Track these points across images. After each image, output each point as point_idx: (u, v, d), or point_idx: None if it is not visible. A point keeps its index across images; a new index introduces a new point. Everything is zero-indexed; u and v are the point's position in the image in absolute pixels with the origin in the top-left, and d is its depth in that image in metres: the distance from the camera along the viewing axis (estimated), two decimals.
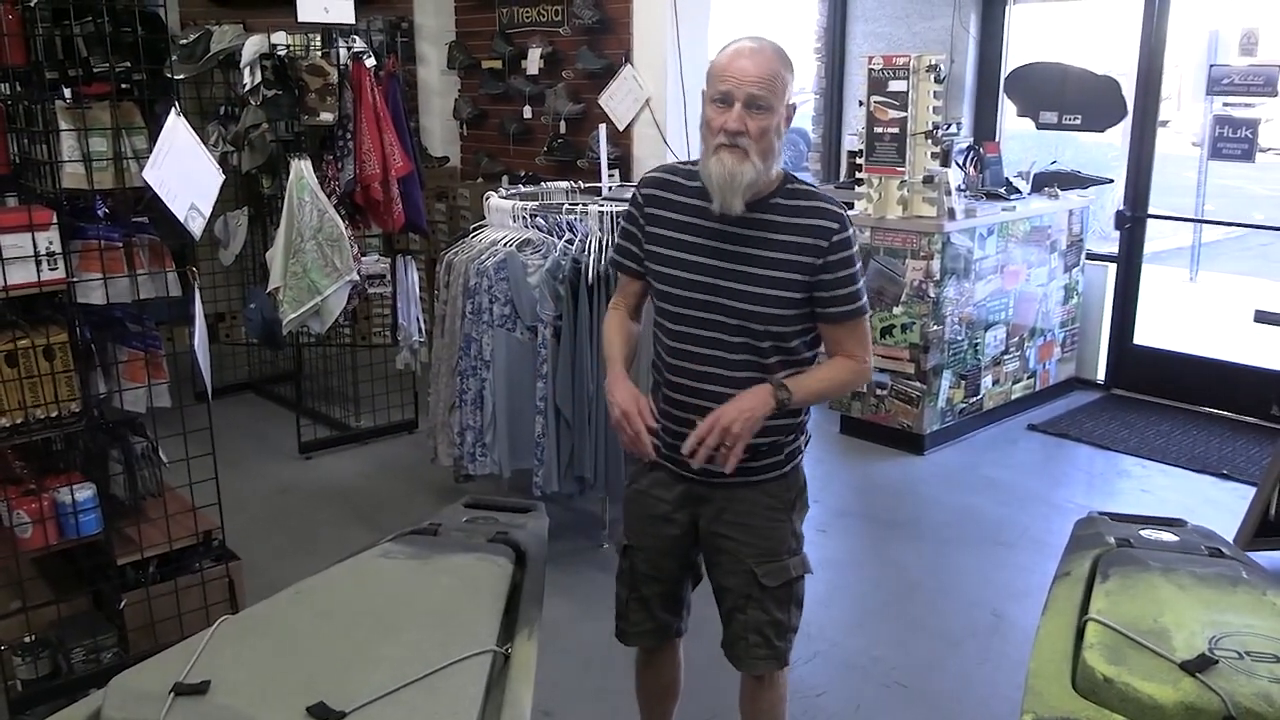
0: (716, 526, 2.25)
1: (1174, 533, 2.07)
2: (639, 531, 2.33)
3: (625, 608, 2.40)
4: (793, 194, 2.12)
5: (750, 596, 2.24)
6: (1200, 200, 8.74)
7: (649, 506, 2.30)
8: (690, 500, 2.26)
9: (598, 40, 5.70)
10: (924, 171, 4.80)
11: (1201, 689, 1.52)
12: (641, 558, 2.33)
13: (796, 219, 2.09)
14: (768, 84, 2.00)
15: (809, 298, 2.11)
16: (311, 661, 1.61)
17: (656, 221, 2.20)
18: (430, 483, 4.55)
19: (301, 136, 4.76)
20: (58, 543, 2.89)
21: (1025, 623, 3.38)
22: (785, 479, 2.27)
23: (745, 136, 2.01)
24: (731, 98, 2.01)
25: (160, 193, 2.72)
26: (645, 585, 2.35)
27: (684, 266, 2.15)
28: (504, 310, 3.80)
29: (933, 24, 6.22)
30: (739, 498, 2.23)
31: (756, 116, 2.01)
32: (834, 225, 2.09)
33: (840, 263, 2.09)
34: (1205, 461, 4.86)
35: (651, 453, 2.16)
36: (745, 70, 2.01)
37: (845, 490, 4.69)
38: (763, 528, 2.23)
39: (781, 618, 2.27)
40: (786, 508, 2.27)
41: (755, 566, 2.22)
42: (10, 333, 2.76)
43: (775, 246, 2.09)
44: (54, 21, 2.81)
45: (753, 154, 2.01)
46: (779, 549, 2.25)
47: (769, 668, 2.32)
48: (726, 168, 2.02)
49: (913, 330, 4.88)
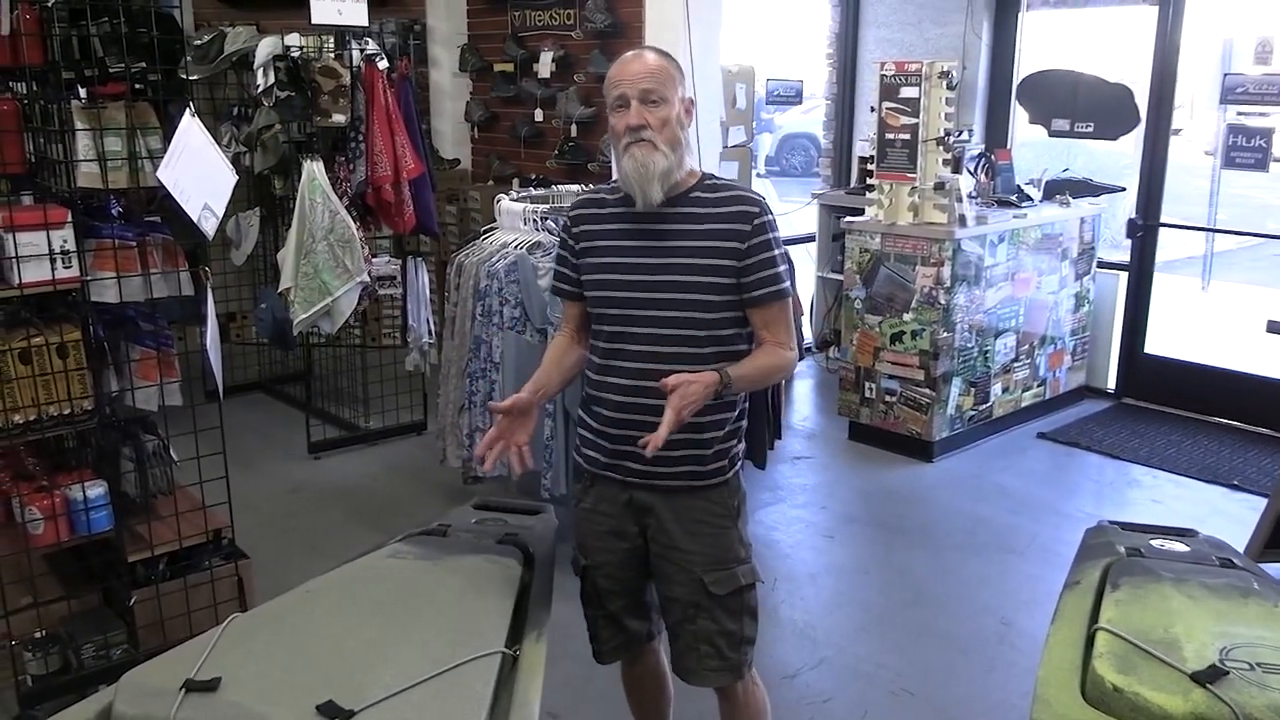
0: (662, 536, 2.24)
1: (1185, 543, 2.07)
2: (593, 549, 2.32)
3: (595, 627, 2.39)
4: (712, 188, 2.20)
5: (699, 606, 2.23)
6: (1213, 209, 8.72)
7: (598, 523, 2.30)
8: (636, 510, 2.26)
9: (610, 44, 5.70)
10: (935, 178, 4.79)
11: (1212, 700, 1.51)
12: (600, 574, 2.32)
13: (718, 209, 2.17)
14: (656, 78, 2.12)
15: (738, 284, 2.16)
16: (321, 660, 1.62)
17: (586, 237, 2.27)
18: (439, 484, 4.56)
19: (314, 138, 4.78)
20: (69, 539, 2.91)
21: (1034, 631, 3.37)
22: (728, 485, 2.26)
23: (647, 129, 2.11)
24: (626, 98, 2.12)
25: (174, 192, 2.74)
26: (610, 601, 2.34)
27: (617, 270, 2.21)
28: (514, 313, 3.81)
29: (945, 30, 6.21)
30: (683, 505, 2.23)
31: (653, 109, 2.11)
32: (754, 209, 2.17)
33: (762, 245, 2.16)
34: (1216, 472, 4.83)
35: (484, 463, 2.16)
36: (633, 71, 2.13)
37: (853, 497, 4.68)
38: (709, 535, 2.23)
39: (733, 628, 2.25)
40: (732, 515, 2.26)
41: (703, 575, 2.21)
42: (24, 330, 2.78)
43: (701, 236, 2.16)
44: (71, 21, 2.82)
45: (659, 143, 2.11)
46: (726, 557, 2.24)
47: (722, 680, 2.29)
48: (638, 160, 2.11)
49: (922, 337, 4.87)
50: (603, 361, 2.24)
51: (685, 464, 2.20)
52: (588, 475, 2.32)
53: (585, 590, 2.37)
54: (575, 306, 2.35)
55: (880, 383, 5.07)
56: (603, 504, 2.29)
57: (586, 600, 2.38)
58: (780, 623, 3.54)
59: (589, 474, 2.31)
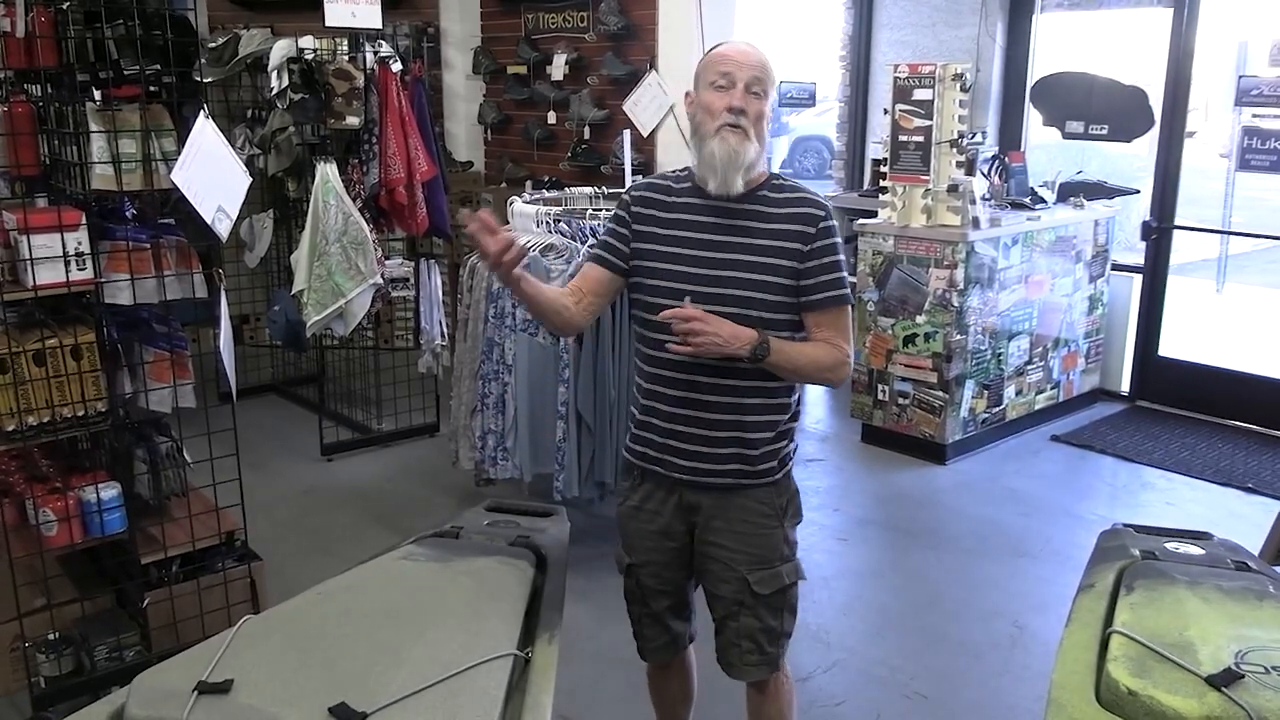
0: (708, 534, 2.25)
1: (1200, 546, 2.05)
2: (639, 548, 2.32)
3: (640, 625, 2.40)
4: (779, 188, 2.19)
5: (743, 604, 2.24)
6: (1227, 212, 8.67)
7: (645, 521, 2.30)
8: (684, 509, 2.26)
9: (623, 46, 5.71)
10: (949, 180, 4.78)
11: (1227, 703, 1.50)
12: (647, 573, 2.33)
13: (783, 209, 2.16)
14: (765, 70, 2.12)
15: (797, 286, 2.14)
16: (333, 662, 1.62)
17: (646, 221, 2.23)
18: (451, 486, 4.56)
19: (327, 140, 4.79)
20: (82, 541, 2.91)
21: (1047, 635, 3.35)
22: (776, 485, 2.26)
23: (746, 116, 2.09)
24: (734, 79, 2.10)
25: (188, 195, 2.75)
26: (655, 600, 2.35)
27: (679, 261, 2.17)
28: (527, 315, 3.81)
29: (959, 33, 6.20)
30: (731, 504, 2.23)
31: (755, 100, 2.10)
32: (819, 213, 2.16)
33: (826, 249, 2.15)
34: (1230, 475, 4.80)
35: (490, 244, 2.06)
36: (745, 57, 2.11)
37: (866, 499, 4.67)
38: (755, 535, 2.23)
39: (774, 624, 2.27)
40: (778, 514, 2.26)
41: (748, 574, 2.22)
42: (39, 332, 2.79)
43: (765, 235, 2.14)
44: (86, 24, 2.83)
45: (752, 134, 2.10)
46: (772, 556, 2.24)
47: (761, 674, 2.31)
48: (730, 145, 2.08)
49: (936, 339, 4.85)
50: (654, 353, 2.20)
51: (733, 462, 2.19)
52: (637, 471, 2.31)
53: (629, 588, 2.37)
54: (601, 277, 2.26)
55: (893, 385, 5.06)
56: (650, 502, 2.28)
57: (631, 598, 2.38)
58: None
59: (638, 470, 2.30)
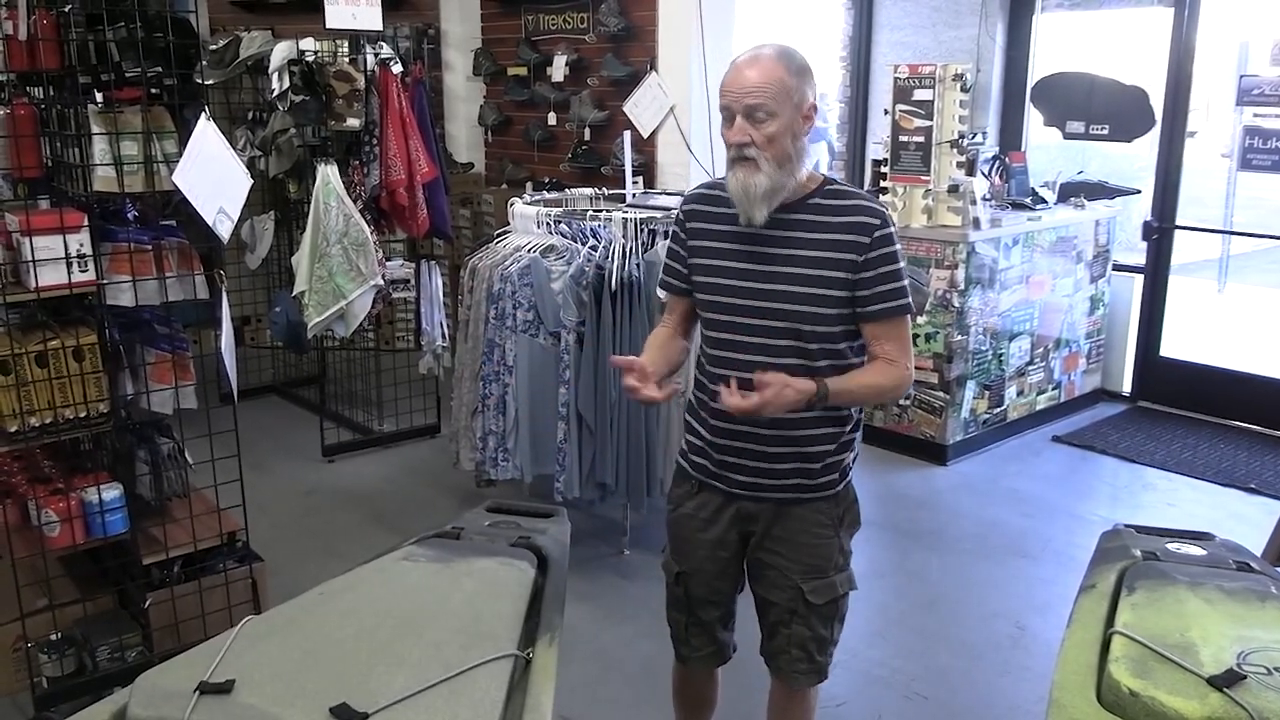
0: (765, 543, 2.23)
1: (1201, 546, 2.05)
2: (690, 556, 2.29)
3: (685, 633, 2.37)
4: (833, 194, 2.11)
5: (796, 612, 2.23)
6: (1229, 212, 8.66)
7: (698, 529, 2.27)
8: (741, 519, 2.24)
9: (623, 48, 5.71)
10: (949, 181, 4.78)
11: (1229, 704, 1.50)
12: (696, 582, 2.30)
13: (837, 217, 2.08)
14: (765, 91, 1.99)
15: (852, 297, 2.08)
16: (335, 662, 1.62)
17: (698, 235, 2.21)
18: (452, 487, 4.57)
19: (328, 142, 4.79)
20: (84, 542, 2.92)
21: (1048, 635, 3.35)
22: (836, 497, 2.25)
23: (752, 147, 2.01)
24: (731, 110, 2.03)
25: (189, 196, 2.75)
26: (703, 610, 2.33)
27: (728, 274, 2.14)
28: (527, 316, 3.81)
29: (959, 33, 6.19)
30: (790, 515, 2.21)
31: (759, 125, 2.00)
32: (875, 221, 2.07)
33: (882, 259, 2.07)
34: (1232, 475, 4.80)
35: (654, 393, 2.07)
36: (742, 81, 2.01)
37: (867, 500, 4.59)
38: (811, 545, 2.21)
39: (825, 634, 2.26)
40: (835, 524, 2.25)
41: (803, 583, 2.21)
42: (41, 333, 2.79)
43: (817, 245, 2.08)
44: (87, 26, 2.83)
45: (763, 163, 2.01)
46: (827, 566, 2.23)
47: (809, 683, 2.31)
48: (740, 181, 2.04)
49: (937, 340, 4.85)
50: (712, 369, 2.18)
51: (794, 477, 2.17)
52: (694, 482, 2.28)
53: (676, 595, 2.35)
54: (682, 303, 2.28)
55: None
56: (705, 510, 2.26)
57: (676, 606, 2.36)
58: None
59: (695, 480, 2.28)
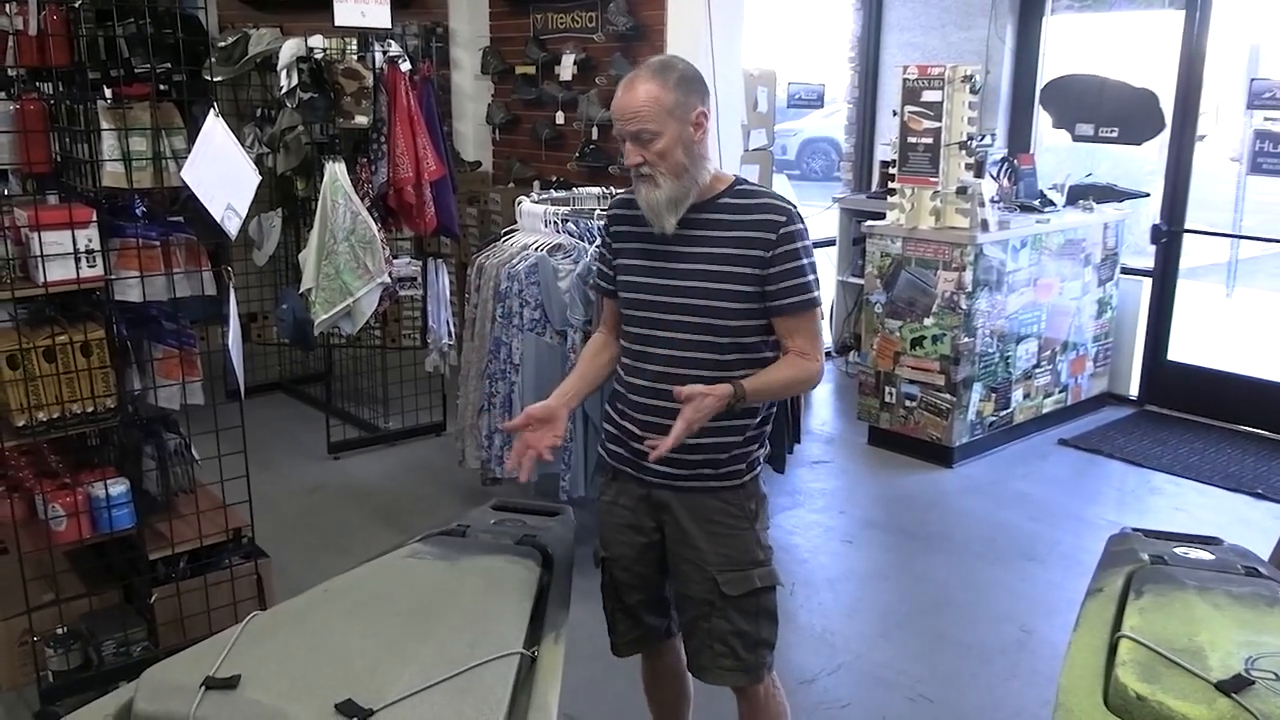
0: (678, 534, 2.26)
1: (1209, 551, 2.04)
2: (613, 542, 2.35)
3: (612, 619, 2.42)
4: (741, 194, 2.18)
5: (713, 605, 2.24)
6: (1238, 215, 8.63)
7: (618, 516, 2.33)
8: (653, 507, 2.28)
9: (631, 47, 5.70)
10: (957, 182, 4.77)
11: (1237, 710, 1.49)
12: (618, 567, 2.35)
13: (745, 215, 2.15)
14: (643, 115, 2.06)
15: (762, 292, 2.14)
16: (340, 659, 1.62)
17: (620, 238, 2.30)
18: (458, 485, 4.57)
19: (336, 139, 4.80)
20: (91, 536, 2.93)
21: (1055, 639, 3.34)
22: (744, 488, 2.27)
23: (645, 165, 2.10)
24: (622, 134, 2.12)
25: (197, 192, 2.76)
26: (627, 594, 2.37)
27: (645, 273, 2.22)
28: (534, 314, 3.81)
29: (968, 34, 6.18)
30: (699, 505, 2.24)
31: (647, 145, 2.08)
32: (780, 218, 2.14)
33: (788, 254, 2.13)
34: (1240, 480, 4.79)
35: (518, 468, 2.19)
36: (623, 107, 2.09)
37: (872, 502, 4.66)
38: (725, 536, 2.24)
39: (748, 629, 2.25)
40: (748, 517, 2.26)
41: (717, 574, 2.22)
42: (49, 328, 2.80)
43: (726, 243, 2.15)
44: (97, 22, 2.85)
45: (659, 177, 2.10)
46: (742, 559, 2.24)
47: (737, 680, 2.30)
48: (643, 196, 2.14)
49: (943, 342, 4.84)
50: (629, 362, 2.27)
51: (701, 466, 2.22)
52: (610, 469, 2.36)
53: (604, 582, 2.40)
54: (612, 304, 2.37)
55: (900, 387, 5.05)
56: (622, 498, 2.32)
57: (605, 592, 2.40)
58: (798, 628, 3.52)
59: (611, 468, 2.35)
